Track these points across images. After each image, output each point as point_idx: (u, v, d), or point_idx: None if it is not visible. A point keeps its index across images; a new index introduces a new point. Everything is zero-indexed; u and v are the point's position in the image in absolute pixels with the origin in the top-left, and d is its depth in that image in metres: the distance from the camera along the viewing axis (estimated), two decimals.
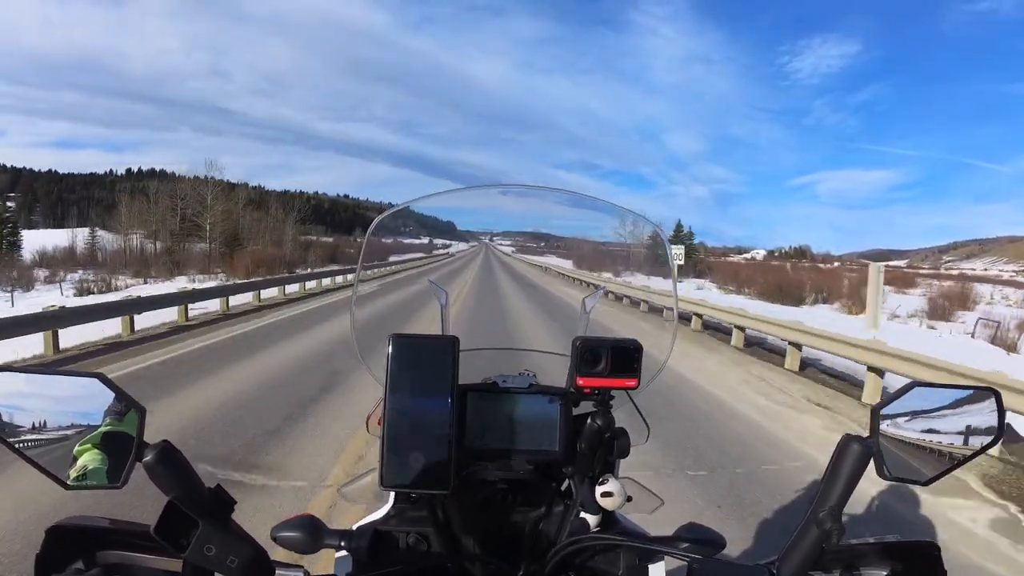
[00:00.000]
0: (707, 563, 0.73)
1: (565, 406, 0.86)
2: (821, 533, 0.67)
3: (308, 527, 0.84)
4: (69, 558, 0.74)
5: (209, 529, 0.62)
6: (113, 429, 0.66)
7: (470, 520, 0.87)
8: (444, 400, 0.73)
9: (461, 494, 0.86)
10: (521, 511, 0.92)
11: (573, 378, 0.81)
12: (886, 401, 0.71)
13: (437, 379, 0.73)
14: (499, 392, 0.88)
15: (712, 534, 0.88)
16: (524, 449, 0.86)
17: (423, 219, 1.47)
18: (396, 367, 0.73)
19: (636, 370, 0.80)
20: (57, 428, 0.66)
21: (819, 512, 0.68)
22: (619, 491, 0.83)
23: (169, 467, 0.64)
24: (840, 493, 0.68)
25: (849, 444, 0.69)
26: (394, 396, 0.72)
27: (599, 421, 0.80)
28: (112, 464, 0.65)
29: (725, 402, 6.99)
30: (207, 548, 0.62)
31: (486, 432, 0.87)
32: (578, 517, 0.86)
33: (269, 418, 5.50)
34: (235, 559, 0.63)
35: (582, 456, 0.84)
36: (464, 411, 0.86)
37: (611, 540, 0.82)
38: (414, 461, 0.71)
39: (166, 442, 0.65)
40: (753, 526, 3.61)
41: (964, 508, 4.07)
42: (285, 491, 3.91)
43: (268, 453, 4.59)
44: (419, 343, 0.74)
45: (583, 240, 1.61)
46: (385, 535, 0.87)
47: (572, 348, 0.81)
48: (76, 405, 0.66)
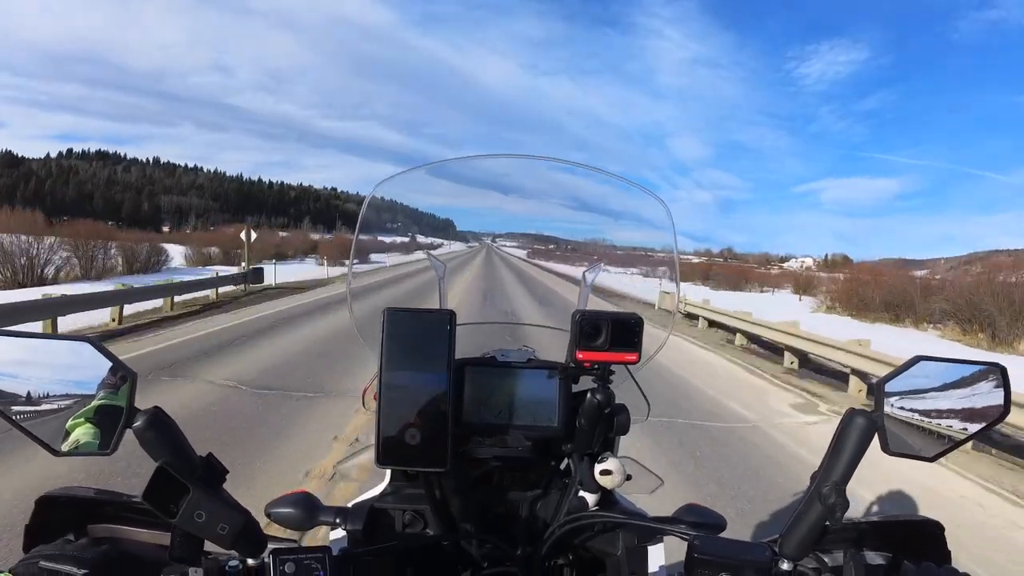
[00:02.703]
0: (709, 540, 0.71)
1: (564, 381, 0.85)
2: (825, 508, 0.66)
3: (303, 504, 0.83)
4: (59, 529, 0.73)
5: (200, 496, 0.61)
6: (106, 399, 0.65)
7: (467, 498, 0.86)
8: (441, 376, 0.71)
9: (458, 472, 0.85)
10: (519, 489, 0.91)
11: (573, 352, 0.79)
12: (891, 375, 0.70)
13: (433, 354, 0.71)
14: (497, 366, 0.87)
15: (712, 515, 0.86)
16: (522, 425, 0.85)
17: (411, 212, 1.41)
18: (391, 342, 0.71)
19: (637, 344, 0.78)
20: (50, 395, 0.65)
21: (823, 486, 0.66)
22: (618, 469, 0.82)
23: (159, 433, 0.63)
24: (844, 467, 0.66)
25: (854, 418, 0.67)
26: (389, 372, 0.71)
27: (599, 396, 0.79)
28: (103, 432, 0.64)
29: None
30: (197, 515, 0.61)
31: (484, 407, 0.86)
32: (576, 496, 0.85)
33: None
34: (226, 526, 0.62)
35: (581, 432, 0.83)
36: (462, 386, 0.85)
37: (611, 518, 0.81)
38: (410, 438, 0.70)
39: (157, 408, 0.64)
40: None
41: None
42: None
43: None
44: (415, 317, 0.72)
45: (597, 244, 1.55)
46: (381, 513, 0.86)
47: (572, 321, 0.79)
48: (68, 371, 0.65)
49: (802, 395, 7.63)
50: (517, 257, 6.43)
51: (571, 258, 2.35)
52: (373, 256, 7.41)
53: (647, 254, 1.49)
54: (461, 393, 0.85)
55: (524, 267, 6.83)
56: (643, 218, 1.11)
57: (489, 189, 1.50)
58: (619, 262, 1.73)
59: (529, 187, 1.43)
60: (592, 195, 1.28)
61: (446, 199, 1.26)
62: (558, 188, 1.38)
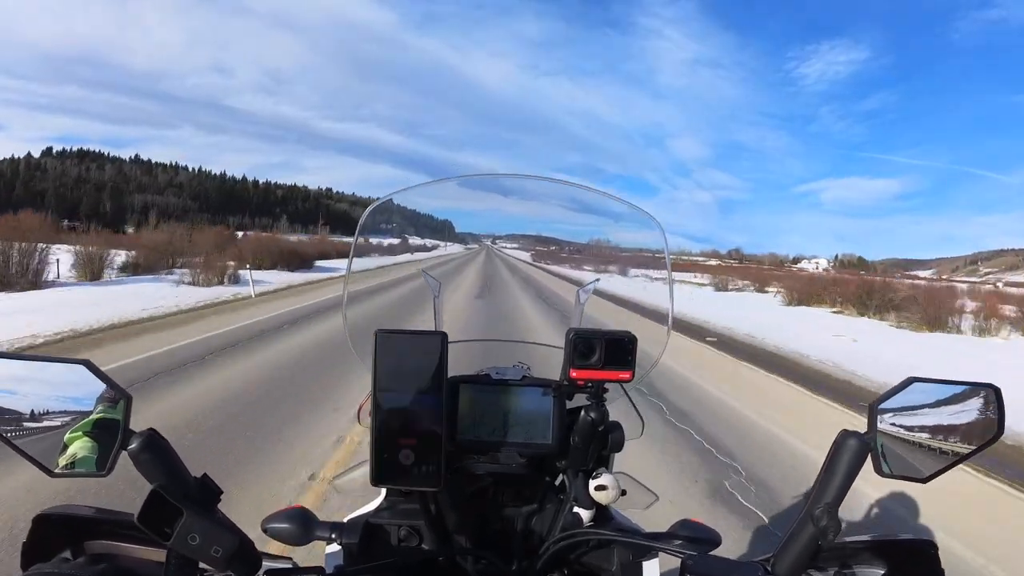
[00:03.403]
0: (702, 559, 0.71)
1: (559, 398, 0.85)
2: (817, 530, 0.66)
3: (299, 519, 0.83)
4: (56, 547, 0.73)
5: (193, 518, 0.61)
6: (103, 416, 0.65)
7: (463, 514, 0.86)
8: (434, 398, 0.71)
9: (453, 488, 0.85)
10: (514, 505, 0.91)
11: (567, 370, 0.80)
12: (884, 396, 0.70)
13: (426, 377, 0.71)
14: (492, 384, 0.87)
15: (707, 532, 0.87)
16: (517, 442, 0.85)
17: (410, 214, 1.40)
18: (383, 364, 0.71)
19: (630, 362, 0.79)
20: (45, 416, 0.65)
21: (815, 508, 0.66)
22: (613, 485, 0.82)
23: (154, 455, 0.63)
24: (837, 490, 0.66)
25: (846, 440, 0.67)
26: (381, 393, 0.71)
27: (593, 414, 0.79)
28: (100, 452, 0.65)
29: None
30: (191, 537, 0.61)
31: (478, 425, 0.86)
32: (571, 512, 0.85)
33: None
34: (220, 549, 0.62)
35: (575, 450, 0.83)
36: (456, 403, 0.85)
37: (605, 535, 0.81)
38: (404, 459, 0.70)
39: (152, 430, 0.65)
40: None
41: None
42: None
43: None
44: (406, 340, 0.72)
45: (600, 246, 1.54)
46: (377, 528, 0.86)
47: (566, 340, 0.80)
48: (64, 392, 0.65)
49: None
50: (523, 261, 5.78)
51: (576, 261, 2.32)
52: (362, 261, 6.44)
53: (644, 257, 1.48)
54: (455, 410, 0.85)
55: (531, 273, 6.05)
56: (639, 232, 1.11)
57: (488, 191, 1.49)
58: (619, 270, 1.72)
59: (529, 188, 1.43)
60: (592, 197, 1.29)
61: (444, 202, 1.26)
62: (558, 190, 1.38)
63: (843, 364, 9.23)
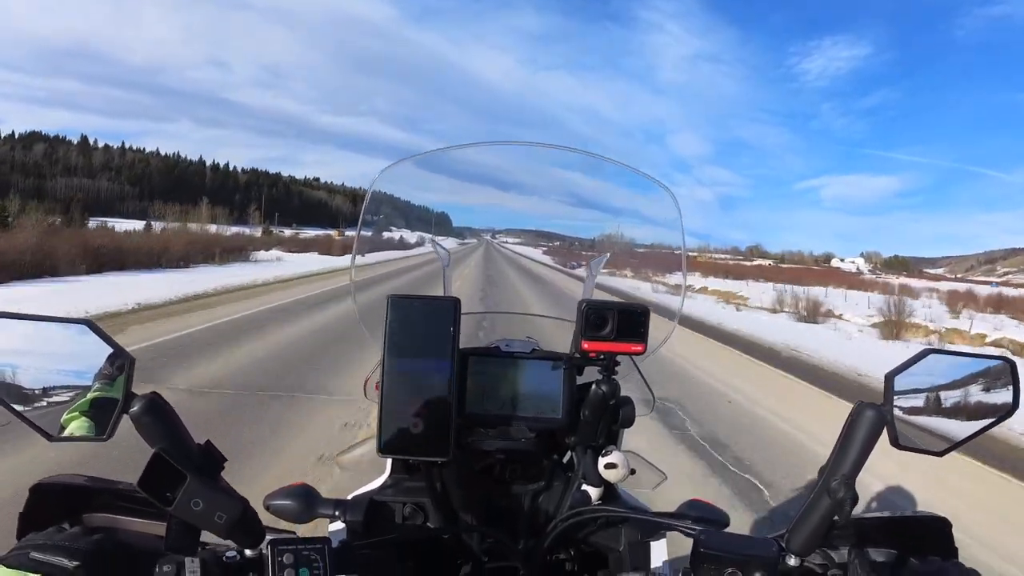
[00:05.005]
0: (715, 535, 0.70)
1: (569, 371, 0.84)
2: (833, 503, 0.65)
3: (302, 496, 0.82)
4: (54, 517, 0.72)
5: (197, 483, 0.59)
6: (104, 387, 0.64)
7: (468, 491, 0.85)
8: (444, 364, 0.70)
9: (460, 464, 0.84)
10: (521, 482, 0.90)
11: (578, 342, 0.78)
12: (899, 368, 0.69)
13: (437, 342, 0.70)
14: (501, 356, 0.86)
15: (716, 512, 0.86)
16: (526, 416, 0.84)
17: (401, 205, 1.37)
18: (394, 330, 0.70)
19: (643, 335, 0.77)
20: (46, 379, 0.64)
21: (831, 481, 0.65)
22: (623, 463, 0.81)
23: (156, 419, 0.62)
24: (853, 461, 0.65)
25: (863, 411, 0.66)
26: (392, 360, 0.70)
27: (604, 388, 0.78)
28: (100, 417, 0.63)
29: None
30: (194, 503, 0.59)
31: (487, 398, 0.84)
32: (579, 489, 0.84)
33: None
34: (223, 515, 0.60)
35: (585, 424, 0.82)
36: (465, 376, 0.84)
37: (614, 513, 0.80)
38: (413, 427, 0.69)
39: (154, 393, 0.63)
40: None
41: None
42: None
43: None
44: (419, 305, 0.71)
45: (605, 241, 1.50)
46: (381, 505, 0.84)
47: (577, 311, 0.78)
48: (65, 354, 0.64)
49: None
50: (530, 258, 4.97)
51: (584, 258, 2.26)
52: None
53: (656, 248, 1.45)
54: (464, 383, 0.84)
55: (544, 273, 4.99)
56: (648, 212, 1.10)
57: (486, 185, 1.46)
58: (629, 260, 1.69)
59: (528, 183, 1.41)
60: (593, 190, 1.26)
61: (442, 195, 1.24)
62: (557, 184, 1.36)
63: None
